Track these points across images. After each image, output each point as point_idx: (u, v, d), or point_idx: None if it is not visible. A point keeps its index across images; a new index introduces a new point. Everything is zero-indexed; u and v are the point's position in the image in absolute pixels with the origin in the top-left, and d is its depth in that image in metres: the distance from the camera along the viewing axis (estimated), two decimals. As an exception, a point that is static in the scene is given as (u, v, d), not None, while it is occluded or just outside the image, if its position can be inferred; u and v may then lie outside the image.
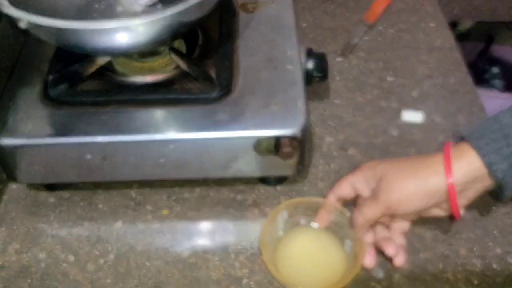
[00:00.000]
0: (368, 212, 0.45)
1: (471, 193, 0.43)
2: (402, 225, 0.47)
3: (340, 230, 0.48)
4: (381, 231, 0.47)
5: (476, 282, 0.46)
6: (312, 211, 0.49)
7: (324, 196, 0.52)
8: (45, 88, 0.49)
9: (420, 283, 0.46)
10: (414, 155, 0.52)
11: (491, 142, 0.40)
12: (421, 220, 0.50)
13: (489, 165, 0.40)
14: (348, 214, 0.48)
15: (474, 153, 0.40)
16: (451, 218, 0.45)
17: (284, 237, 0.48)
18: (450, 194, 0.41)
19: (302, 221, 0.49)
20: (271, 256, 0.46)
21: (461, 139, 0.43)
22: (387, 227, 0.47)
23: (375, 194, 0.44)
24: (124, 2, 0.52)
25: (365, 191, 0.47)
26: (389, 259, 0.47)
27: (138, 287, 0.46)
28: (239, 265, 0.48)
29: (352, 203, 0.52)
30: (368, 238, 0.47)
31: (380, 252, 0.48)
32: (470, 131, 0.42)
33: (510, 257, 0.47)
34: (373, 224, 0.46)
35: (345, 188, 0.48)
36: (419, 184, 0.42)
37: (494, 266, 0.47)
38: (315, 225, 0.49)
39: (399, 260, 0.46)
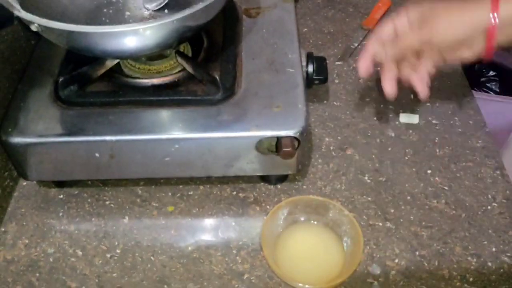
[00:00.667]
0: (409, 35, 0.47)
1: (510, 31, 0.44)
2: (427, 66, 0.49)
3: (338, 228, 0.49)
4: (406, 69, 0.49)
5: (471, 279, 0.47)
6: (311, 209, 0.50)
7: (323, 194, 0.53)
8: (56, 89, 0.50)
9: (416, 279, 0.47)
10: None
11: None
12: (417, 219, 0.51)
13: None
14: (346, 212, 0.49)
15: None
16: (480, 60, 0.46)
17: (284, 234, 0.49)
18: (489, 30, 0.43)
19: (302, 218, 0.50)
20: (271, 252, 0.47)
21: None
22: (413, 67, 0.49)
23: (421, 21, 0.46)
24: (132, 7, 0.54)
25: (405, 29, 0.48)
26: (386, 256, 0.48)
27: (143, 281, 0.47)
28: (240, 260, 0.49)
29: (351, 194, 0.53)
30: (392, 73, 0.49)
31: (378, 249, 0.49)
32: None
33: (505, 256, 0.48)
34: (398, 61, 0.48)
35: (387, 27, 0.49)
36: (465, 13, 0.45)
37: (489, 264, 0.48)
38: (314, 222, 0.50)
39: (423, 93, 0.48)
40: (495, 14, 0.43)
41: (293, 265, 0.47)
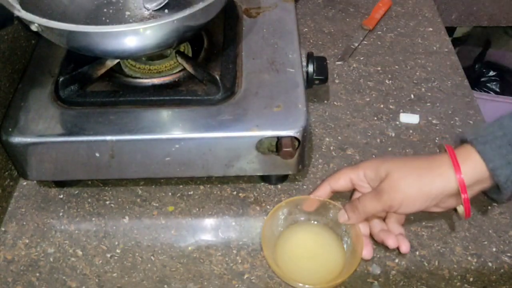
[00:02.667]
0: (369, 206, 0.44)
1: (471, 193, 0.43)
2: (398, 217, 0.47)
3: (338, 228, 0.49)
4: (378, 224, 0.47)
5: (471, 279, 0.47)
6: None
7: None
8: (56, 89, 0.50)
9: (417, 279, 0.47)
10: (417, 156, 0.52)
11: (496, 148, 0.40)
12: (417, 219, 0.51)
13: (493, 170, 0.40)
14: (346, 212, 0.49)
15: (479, 158, 0.41)
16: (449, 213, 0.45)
17: (284, 234, 0.49)
18: (462, 193, 0.42)
19: (302, 218, 0.50)
20: (271, 252, 0.47)
21: (461, 142, 0.43)
22: (383, 219, 0.47)
23: (377, 192, 0.44)
24: (132, 7, 0.54)
25: (364, 188, 0.46)
26: (386, 256, 0.48)
27: (143, 281, 0.47)
28: (240, 260, 0.49)
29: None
30: (364, 230, 0.47)
31: (378, 249, 0.49)
32: (475, 135, 0.42)
33: (505, 256, 0.48)
34: (369, 218, 0.47)
35: (343, 182, 0.47)
36: (424, 187, 0.42)
37: (490, 264, 0.48)
38: (314, 222, 0.50)
39: (405, 248, 0.45)
40: (461, 177, 0.41)
41: (293, 265, 0.47)
